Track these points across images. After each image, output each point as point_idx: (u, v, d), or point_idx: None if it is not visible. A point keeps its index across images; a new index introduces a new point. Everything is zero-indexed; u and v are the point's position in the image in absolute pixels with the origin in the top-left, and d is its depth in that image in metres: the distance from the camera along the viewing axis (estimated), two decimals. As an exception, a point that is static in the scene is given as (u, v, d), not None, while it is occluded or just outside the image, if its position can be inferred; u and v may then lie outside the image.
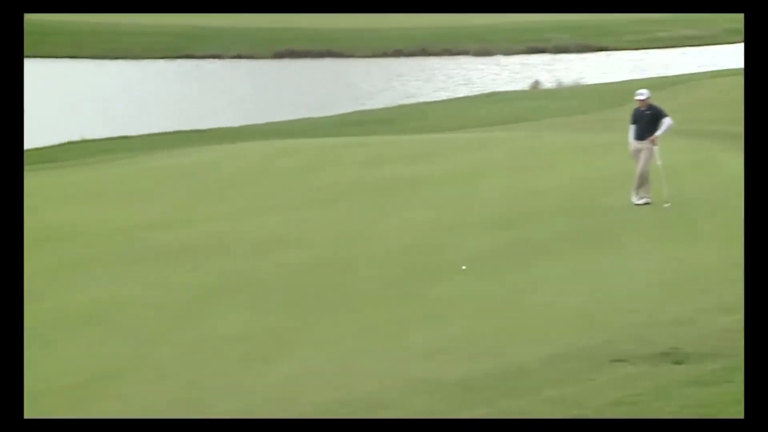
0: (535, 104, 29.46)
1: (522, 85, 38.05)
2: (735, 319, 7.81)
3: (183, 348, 8.28)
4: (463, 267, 10.22)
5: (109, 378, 7.59)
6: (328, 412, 6.62)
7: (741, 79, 21.39)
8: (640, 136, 13.34)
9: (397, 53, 52.02)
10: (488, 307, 9.06)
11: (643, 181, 13.19)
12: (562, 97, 31.18)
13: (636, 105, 13.57)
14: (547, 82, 37.17)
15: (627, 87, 26.70)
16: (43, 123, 33.01)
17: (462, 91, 38.40)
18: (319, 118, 30.59)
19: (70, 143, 25.66)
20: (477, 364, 7.37)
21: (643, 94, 13.52)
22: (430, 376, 7.20)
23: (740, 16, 34.82)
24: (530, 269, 10.22)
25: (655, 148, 13.30)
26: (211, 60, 50.94)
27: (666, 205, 12.80)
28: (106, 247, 12.62)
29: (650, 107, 13.44)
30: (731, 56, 41.05)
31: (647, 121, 13.34)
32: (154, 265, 11.42)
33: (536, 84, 37.15)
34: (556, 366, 7.17)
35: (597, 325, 8.27)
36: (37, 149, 24.90)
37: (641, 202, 13.14)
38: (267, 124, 29.30)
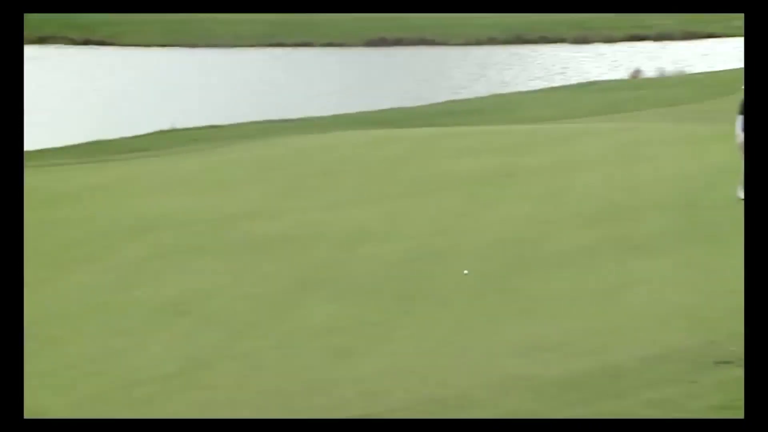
0: (635, 94, 28.97)
1: (622, 74, 37.45)
2: None
3: (274, 339, 8.40)
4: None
5: (201, 368, 7.76)
6: (419, 408, 6.65)
7: None
8: (749, 127, 13.02)
9: (492, 41, 51.70)
10: (585, 303, 8.96)
11: (750, 175, 12.87)
12: (664, 86, 30.59)
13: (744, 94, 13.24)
14: (649, 71, 36.49)
15: (734, 76, 26.03)
16: (135, 111, 33.82)
17: (558, 81, 37.99)
18: (411, 107, 30.63)
19: (161, 132, 26.23)
20: (573, 362, 7.30)
21: (752, 83, 13.18)
22: (524, 373, 7.17)
23: None
24: (629, 266, 10.06)
25: (765, 140, 12.96)
26: (302, 48, 51.44)
27: (775, 200, 12.46)
28: (197, 237, 12.88)
29: (760, 97, 13.10)
30: None
31: (756, 111, 13.00)
32: (244, 256, 11.61)
33: (637, 73, 36.51)
34: (657, 367, 7.06)
35: (700, 325, 8.10)
36: (128, 138, 25.54)
37: (748, 197, 12.83)
38: (358, 113, 29.46)
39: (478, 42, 51.16)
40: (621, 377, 6.92)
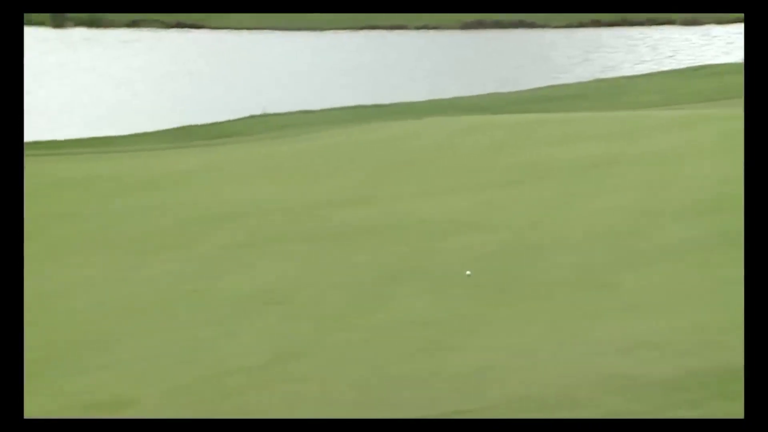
0: (750, 78, 28.18)
1: (736, 57, 36.55)
2: None
3: (364, 332, 8.44)
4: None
5: (291, 360, 7.84)
6: (515, 406, 6.60)
7: None
8: None
9: (595, 23, 50.99)
10: (694, 300, 8.76)
11: None
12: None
13: None
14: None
15: None
16: (226, 96, 34.35)
17: (667, 64, 37.30)
18: (509, 93, 30.43)
19: (251, 117, 26.62)
20: (680, 361, 7.15)
21: None
22: (626, 372, 7.05)
23: None
24: (741, 260, 9.79)
25: None
26: (397, 31, 51.52)
27: None
28: (287, 225, 13.02)
29: None
30: None
31: None
32: (334, 245, 11.69)
33: (752, 56, 35.54)
34: (772, 368, 6.85)
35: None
36: (218, 123, 25.98)
37: None
38: (453, 99, 29.41)
39: (581, 24, 50.49)
40: (733, 379, 6.74)
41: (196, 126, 25.82)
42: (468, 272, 9.87)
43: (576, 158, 15.91)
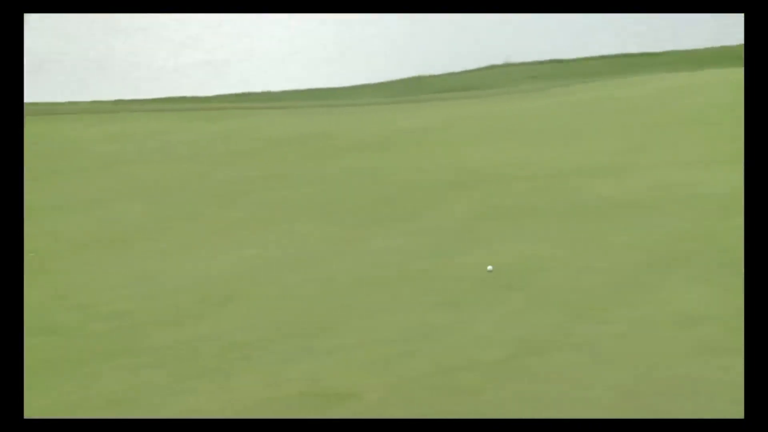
0: None
1: None
2: None
3: (624, 326, 8.41)
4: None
5: (533, 355, 7.91)
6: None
7: None
8: None
9: None
10: None
11: None
12: None
13: None
14: None
15: None
16: (464, 41, 34.61)
17: None
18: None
19: (492, 67, 26.81)
20: None
21: None
22: None
23: None
24: None
25: None
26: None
27: None
28: (533, 195, 13.09)
29: None
30: None
31: None
32: (589, 221, 11.67)
33: None
34: None
35: None
36: (454, 74, 26.29)
37: None
38: (741, 45, 28.51)
39: None
40: None
41: (428, 77, 26.24)
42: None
43: None
